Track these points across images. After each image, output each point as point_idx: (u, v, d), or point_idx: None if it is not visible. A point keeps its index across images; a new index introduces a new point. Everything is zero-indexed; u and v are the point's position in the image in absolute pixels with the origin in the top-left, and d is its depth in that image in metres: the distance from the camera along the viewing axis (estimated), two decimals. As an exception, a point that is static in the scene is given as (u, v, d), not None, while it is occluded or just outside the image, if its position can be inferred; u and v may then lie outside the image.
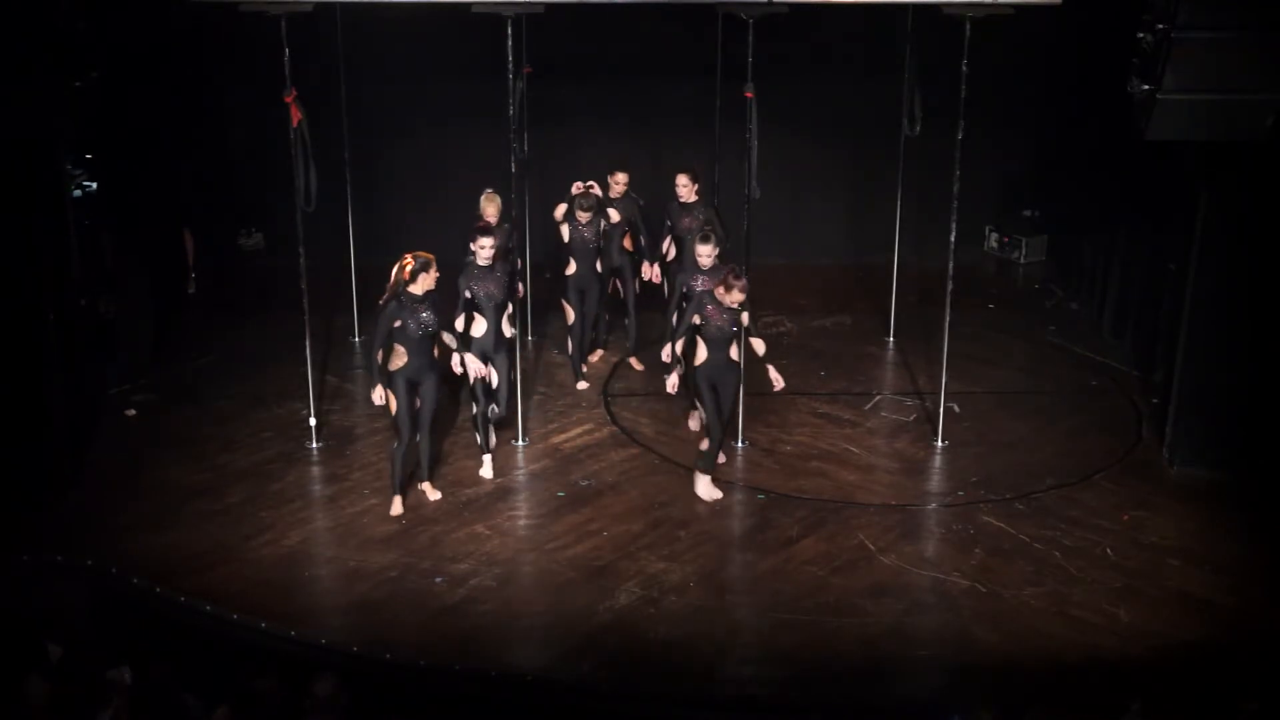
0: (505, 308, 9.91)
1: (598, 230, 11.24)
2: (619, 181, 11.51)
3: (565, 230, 11.28)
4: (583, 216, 11.14)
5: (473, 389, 9.96)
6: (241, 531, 9.44)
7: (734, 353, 9.66)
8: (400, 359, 9.31)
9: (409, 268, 9.26)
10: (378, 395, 9.36)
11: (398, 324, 9.24)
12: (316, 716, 6.79)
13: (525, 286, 11.67)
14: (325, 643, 8.28)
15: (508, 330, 9.96)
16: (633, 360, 11.81)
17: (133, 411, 11.09)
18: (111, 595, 8.74)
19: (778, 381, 9.74)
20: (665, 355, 9.85)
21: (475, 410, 10.07)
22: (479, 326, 9.83)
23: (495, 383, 9.91)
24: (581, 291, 11.32)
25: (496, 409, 10.03)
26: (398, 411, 9.38)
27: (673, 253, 11.29)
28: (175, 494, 9.90)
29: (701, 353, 9.62)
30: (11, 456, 9.50)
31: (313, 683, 6.85)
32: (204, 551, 9.18)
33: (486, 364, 9.80)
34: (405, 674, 8.02)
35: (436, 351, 9.51)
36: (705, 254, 9.84)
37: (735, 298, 9.41)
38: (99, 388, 11.12)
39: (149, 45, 11.84)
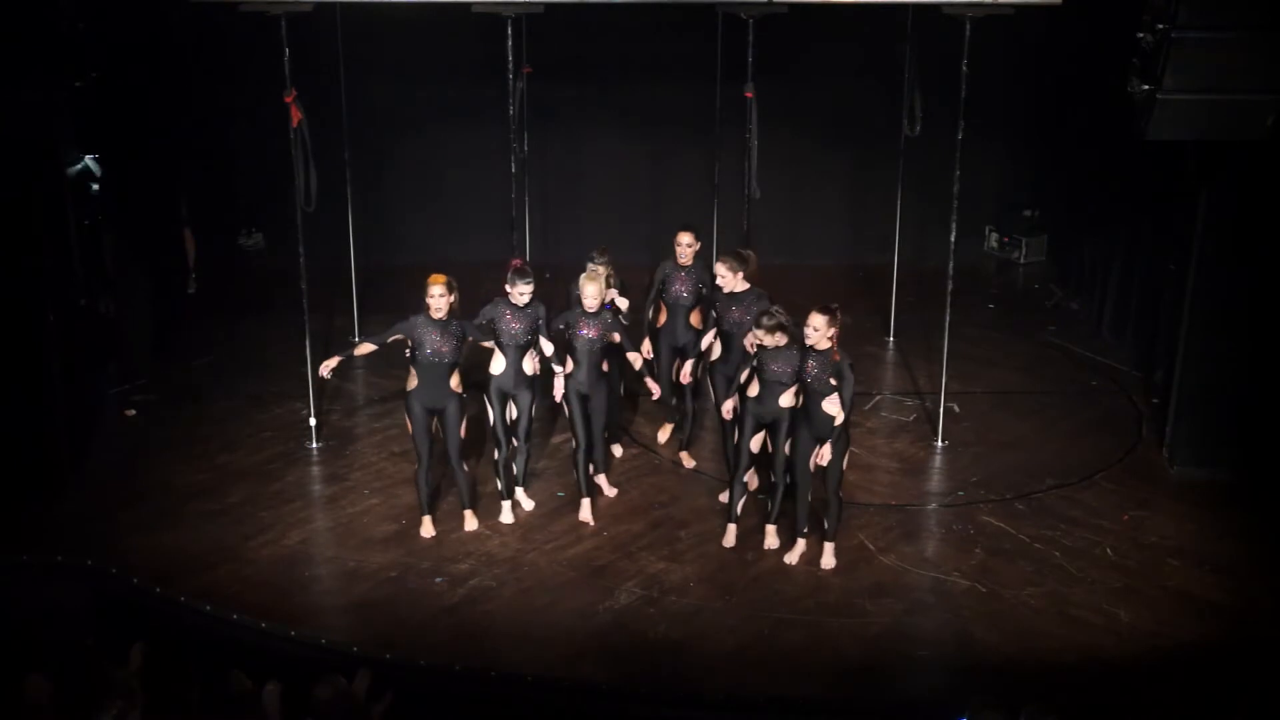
0: (528, 348, 9.30)
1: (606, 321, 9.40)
2: (682, 243, 9.87)
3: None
4: (588, 294, 9.26)
5: (494, 430, 9.42)
6: (241, 531, 9.44)
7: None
8: (413, 380, 9.10)
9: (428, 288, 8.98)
10: (327, 366, 9.23)
11: (410, 343, 9.02)
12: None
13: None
14: (325, 643, 8.28)
15: (529, 367, 9.34)
16: (684, 455, 10.36)
17: (133, 411, 11.10)
18: (111, 595, 8.74)
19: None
20: (727, 411, 9.16)
21: (498, 455, 9.50)
22: (497, 364, 9.28)
23: (517, 419, 9.41)
24: (584, 397, 9.46)
25: (516, 443, 9.48)
26: (413, 433, 9.21)
27: (717, 350, 9.70)
28: (175, 494, 9.91)
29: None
30: (11, 457, 9.51)
31: (315, 685, 6.82)
32: (204, 551, 9.18)
33: (507, 402, 9.35)
34: (405, 674, 8.02)
35: (456, 382, 9.18)
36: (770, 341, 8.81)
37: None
38: (99, 387, 11.12)
39: (149, 45, 11.85)
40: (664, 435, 10.34)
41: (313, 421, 10.57)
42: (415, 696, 7.90)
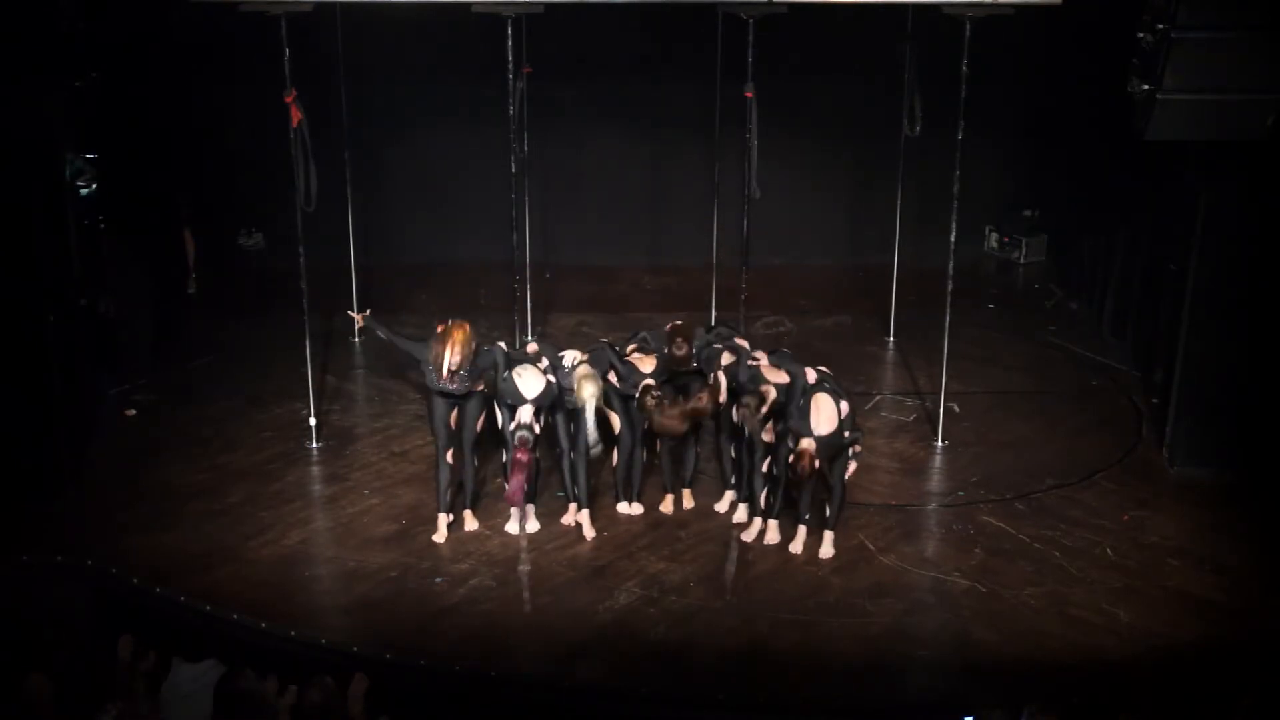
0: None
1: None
2: (681, 348, 9.36)
3: None
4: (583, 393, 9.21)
5: (502, 432, 9.23)
6: (241, 531, 9.44)
7: None
8: None
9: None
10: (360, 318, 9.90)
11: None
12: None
13: (525, 287, 11.57)
14: (325, 643, 8.28)
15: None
16: (686, 492, 9.89)
17: (133, 411, 11.09)
18: (111, 595, 8.74)
19: None
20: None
21: (505, 458, 9.31)
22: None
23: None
24: (568, 412, 9.38)
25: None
26: (432, 425, 9.25)
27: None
28: (175, 494, 9.90)
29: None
30: (12, 457, 9.51)
31: (307, 689, 6.80)
32: (204, 551, 9.18)
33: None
34: (405, 674, 8.02)
35: (482, 385, 9.17)
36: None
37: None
38: (99, 387, 11.12)
39: (149, 45, 11.85)
40: (667, 507, 9.93)
41: (313, 421, 10.56)
42: (415, 696, 7.92)
